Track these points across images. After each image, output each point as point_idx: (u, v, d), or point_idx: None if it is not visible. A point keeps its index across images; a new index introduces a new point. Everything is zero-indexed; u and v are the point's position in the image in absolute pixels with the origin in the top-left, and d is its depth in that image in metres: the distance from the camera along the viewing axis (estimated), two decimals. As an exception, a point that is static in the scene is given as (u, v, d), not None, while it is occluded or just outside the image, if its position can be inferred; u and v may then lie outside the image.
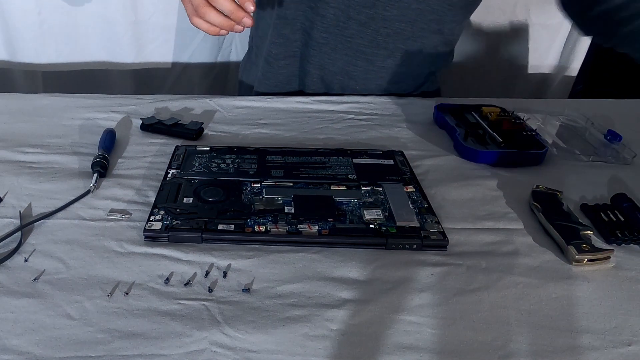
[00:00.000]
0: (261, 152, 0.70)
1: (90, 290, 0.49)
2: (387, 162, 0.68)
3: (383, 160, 0.69)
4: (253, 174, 0.64)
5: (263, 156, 0.69)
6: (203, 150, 0.70)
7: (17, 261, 0.53)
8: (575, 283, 0.51)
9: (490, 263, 0.53)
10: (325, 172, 0.65)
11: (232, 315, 0.47)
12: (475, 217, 0.60)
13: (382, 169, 0.66)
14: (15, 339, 0.44)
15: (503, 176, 0.67)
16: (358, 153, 0.70)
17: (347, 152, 0.70)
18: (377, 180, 0.64)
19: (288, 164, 0.67)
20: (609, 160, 0.71)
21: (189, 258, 0.53)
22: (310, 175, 0.64)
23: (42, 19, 1.14)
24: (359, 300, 0.48)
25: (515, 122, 0.74)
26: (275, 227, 0.55)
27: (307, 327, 0.45)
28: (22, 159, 0.70)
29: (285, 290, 0.50)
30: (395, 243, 0.54)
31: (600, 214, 0.59)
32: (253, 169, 0.65)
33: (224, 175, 0.64)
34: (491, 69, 1.29)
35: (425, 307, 0.48)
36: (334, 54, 0.88)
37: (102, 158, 0.67)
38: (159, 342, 0.44)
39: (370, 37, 0.86)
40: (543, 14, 1.22)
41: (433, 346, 0.44)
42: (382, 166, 0.67)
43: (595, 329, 0.46)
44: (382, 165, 0.67)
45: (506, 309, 0.48)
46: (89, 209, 0.60)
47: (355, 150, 0.71)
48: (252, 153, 0.69)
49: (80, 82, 1.23)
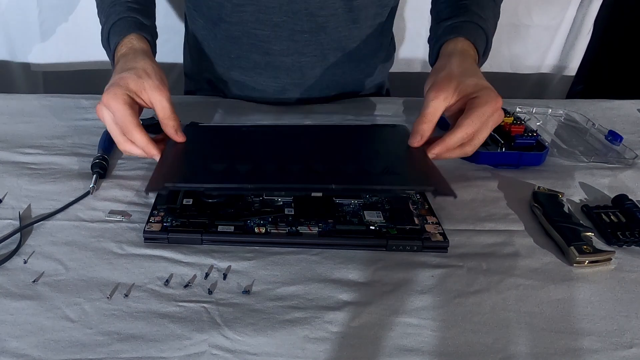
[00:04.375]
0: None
1: (90, 292, 0.49)
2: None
3: None
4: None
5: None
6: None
7: (17, 263, 0.52)
8: (576, 285, 0.50)
9: (491, 265, 0.53)
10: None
11: (232, 317, 0.47)
12: (475, 218, 0.59)
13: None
14: (14, 341, 0.44)
15: (504, 177, 0.67)
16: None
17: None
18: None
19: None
20: (610, 161, 0.71)
21: (189, 260, 0.53)
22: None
23: (42, 19, 1.14)
24: (359, 302, 0.48)
25: (515, 122, 0.73)
26: (275, 229, 0.55)
27: (307, 330, 0.45)
28: (21, 159, 0.70)
29: (285, 292, 0.49)
30: (396, 244, 0.54)
31: (602, 215, 0.59)
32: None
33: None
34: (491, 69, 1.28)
35: (426, 309, 0.48)
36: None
37: (102, 159, 0.67)
38: (159, 344, 0.44)
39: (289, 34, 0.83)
40: (543, 15, 1.22)
41: (433, 349, 0.44)
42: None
43: (596, 331, 0.46)
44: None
45: (507, 311, 0.47)
46: (88, 210, 0.60)
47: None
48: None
49: (80, 82, 1.23)
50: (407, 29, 1.21)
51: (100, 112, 0.62)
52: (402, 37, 1.22)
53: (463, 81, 0.61)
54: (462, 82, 0.61)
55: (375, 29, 0.85)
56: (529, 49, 1.27)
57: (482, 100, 0.59)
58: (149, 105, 0.64)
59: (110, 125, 0.62)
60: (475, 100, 0.60)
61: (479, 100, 0.60)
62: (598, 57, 1.34)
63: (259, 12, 0.79)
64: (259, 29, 0.81)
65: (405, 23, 1.21)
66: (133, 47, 0.69)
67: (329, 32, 0.81)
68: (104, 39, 0.74)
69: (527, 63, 1.30)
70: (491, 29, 0.73)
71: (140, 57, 0.66)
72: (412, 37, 1.22)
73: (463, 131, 0.59)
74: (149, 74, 0.63)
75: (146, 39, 0.72)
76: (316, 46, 0.83)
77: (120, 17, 0.72)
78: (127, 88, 0.62)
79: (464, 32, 0.69)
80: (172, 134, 0.64)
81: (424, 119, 0.61)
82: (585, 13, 1.21)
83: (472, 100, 0.60)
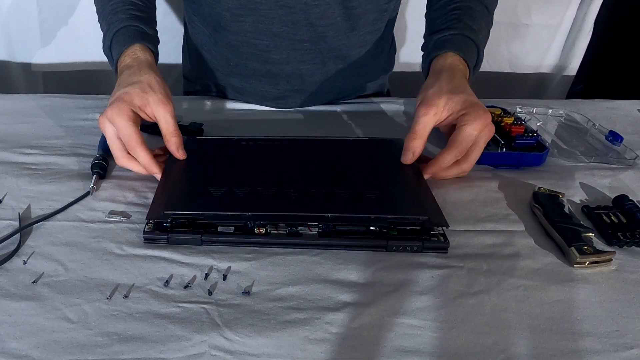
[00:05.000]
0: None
1: (90, 293, 0.49)
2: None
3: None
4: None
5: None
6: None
7: (16, 263, 0.52)
8: (576, 286, 0.50)
9: (491, 265, 0.53)
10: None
11: (231, 318, 0.46)
12: (476, 218, 0.59)
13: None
14: (14, 342, 0.44)
15: (504, 177, 0.67)
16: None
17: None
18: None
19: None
20: (611, 161, 0.71)
21: (189, 260, 0.53)
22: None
23: (42, 19, 1.14)
24: (359, 303, 0.48)
25: (516, 123, 0.73)
26: (275, 229, 0.55)
27: (307, 331, 0.45)
28: (21, 160, 0.70)
29: (285, 293, 0.49)
30: (396, 245, 0.54)
31: (602, 215, 0.59)
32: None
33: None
34: (491, 69, 1.28)
35: (426, 310, 0.47)
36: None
37: (102, 159, 0.67)
38: (159, 345, 0.44)
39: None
40: (543, 14, 1.22)
41: (434, 350, 0.44)
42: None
43: (596, 332, 0.46)
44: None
45: (507, 312, 0.47)
46: (88, 210, 0.60)
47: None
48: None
49: (80, 82, 1.23)
50: (408, 29, 1.21)
51: (102, 125, 0.62)
52: (403, 37, 1.22)
53: (452, 97, 0.63)
54: (451, 99, 0.63)
55: (374, 34, 0.85)
56: (528, 49, 1.27)
57: (470, 117, 0.61)
58: (152, 119, 0.65)
59: (112, 140, 0.63)
60: (464, 117, 0.61)
61: (467, 117, 0.61)
62: (598, 57, 1.33)
63: (258, 22, 0.79)
64: (259, 38, 0.81)
65: (407, 23, 1.21)
66: (138, 58, 0.69)
67: (328, 40, 0.81)
68: (105, 47, 0.74)
69: (527, 63, 1.29)
70: (482, 40, 0.74)
71: (145, 70, 0.66)
72: (413, 37, 1.22)
73: (454, 149, 0.62)
74: (153, 87, 0.64)
75: (150, 49, 0.72)
76: (316, 54, 0.82)
77: (123, 26, 0.71)
78: (131, 103, 0.62)
79: (454, 47, 0.70)
80: (174, 151, 0.65)
81: (414, 135, 0.63)
82: (586, 12, 1.20)
83: (461, 117, 0.62)
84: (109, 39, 0.72)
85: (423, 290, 0.50)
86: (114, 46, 0.71)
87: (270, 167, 0.65)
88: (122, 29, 0.71)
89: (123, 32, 0.71)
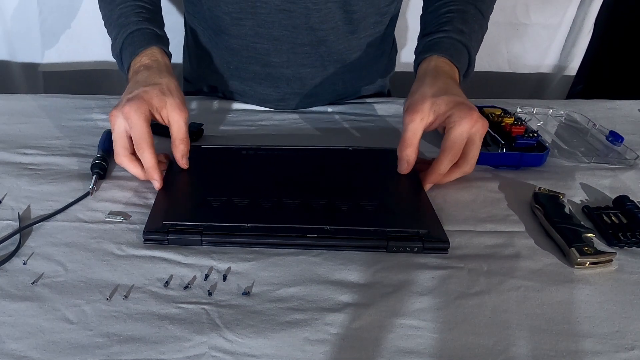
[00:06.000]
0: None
1: (89, 293, 0.49)
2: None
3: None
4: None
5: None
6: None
7: (16, 264, 0.52)
8: (577, 286, 0.50)
9: (492, 266, 0.53)
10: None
11: (231, 319, 0.46)
12: (476, 219, 0.59)
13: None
14: (13, 342, 0.44)
15: (504, 178, 0.67)
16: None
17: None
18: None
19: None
20: (611, 162, 0.70)
21: (189, 261, 0.53)
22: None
23: (42, 19, 1.14)
24: (359, 304, 0.48)
25: (516, 123, 0.73)
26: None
27: (307, 332, 0.45)
28: (21, 160, 0.70)
29: (285, 293, 0.49)
30: (396, 246, 0.54)
31: (603, 216, 0.59)
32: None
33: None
34: (491, 69, 1.28)
35: (426, 311, 0.47)
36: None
37: (102, 160, 0.66)
38: (158, 346, 0.44)
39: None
40: (543, 14, 1.21)
41: (434, 351, 0.44)
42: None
43: (597, 333, 0.46)
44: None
45: (508, 313, 0.47)
46: (88, 211, 0.60)
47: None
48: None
49: (80, 82, 1.23)
50: (409, 29, 1.21)
51: (114, 118, 0.61)
52: (405, 37, 1.22)
53: (435, 101, 0.62)
54: (435, 102, 0.62)
55: (375, 37, 0.85)
56: (527, 49, 1.27)
57: (456, 118, 0.60)
58: (165, 122, 0.64)
59: (119, 136, 0.62)
60: (450, 119, 0.61)
61: (453, 118, 0.60)
62: (598, 57, 1.33)
63: (258, 26, 0.79)
64: (259, 42, 0.81)
65: (408, 23, 1.20)
66: (157, 60, 0.69)
67: (329, 44, 0.81)
68: (116, 49, 0.73)
69: (527, 63, 1.29)
70: (474, 42, 0.73)
71: (165, 73, 0.67)
72: (414, 37, 1.21)
73: (447, 154, 0.61)
74: (172, 92, 0.64)
75: (167, 54, 0.72)
76: (316, 58, 0.82)
77: (137, 28, 0.71)
78: (150, 103, 0.62)
79: (440, 49, 0.70)
80: (179, 158, 0.65)
81: (405, 144, 0.62)
82: (586, 12, 1.20)
83: (448, 119, 0.61)
84: (121, 41, 0.72)
85: (423, 291, 0.49)
86: (126, 47, 0.71)
87: (270, 178, 0.64)
88: (137, 31, 0.71)
89: (138, 34, 0.71)
